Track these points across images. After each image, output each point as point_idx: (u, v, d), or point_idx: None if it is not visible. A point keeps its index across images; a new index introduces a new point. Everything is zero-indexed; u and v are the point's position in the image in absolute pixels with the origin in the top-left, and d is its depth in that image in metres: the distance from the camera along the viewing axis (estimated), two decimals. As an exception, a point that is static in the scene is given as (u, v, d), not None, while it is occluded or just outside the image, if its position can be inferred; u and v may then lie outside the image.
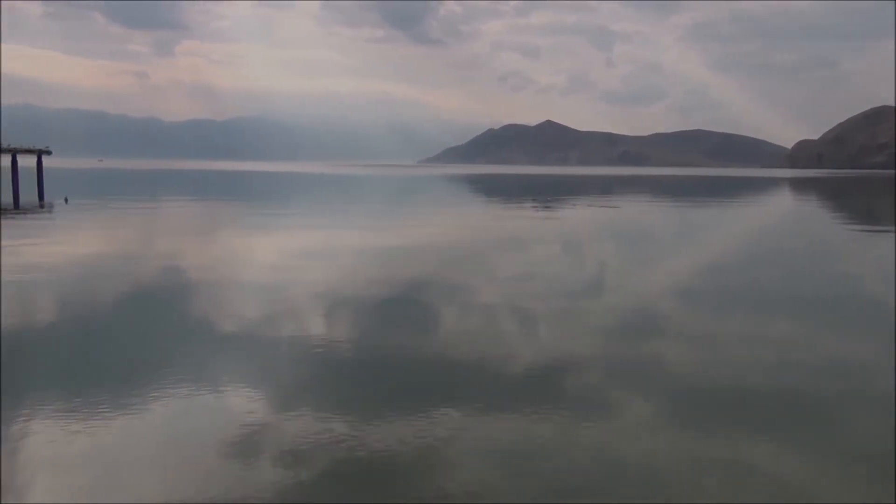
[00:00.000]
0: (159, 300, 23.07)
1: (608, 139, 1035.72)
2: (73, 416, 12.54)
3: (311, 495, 9.84)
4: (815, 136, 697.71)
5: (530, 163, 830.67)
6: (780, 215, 73.01)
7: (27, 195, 69.77)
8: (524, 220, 56.94)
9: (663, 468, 10.78)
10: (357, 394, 14.03)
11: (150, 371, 15.05)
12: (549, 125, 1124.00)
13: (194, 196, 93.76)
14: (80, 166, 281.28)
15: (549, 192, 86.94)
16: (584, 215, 65.67)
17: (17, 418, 12.40)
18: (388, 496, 9.91)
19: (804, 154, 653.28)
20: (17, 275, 26.73)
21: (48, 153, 79.85)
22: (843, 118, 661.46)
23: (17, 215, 55.89)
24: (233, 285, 25.70)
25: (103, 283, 25.87)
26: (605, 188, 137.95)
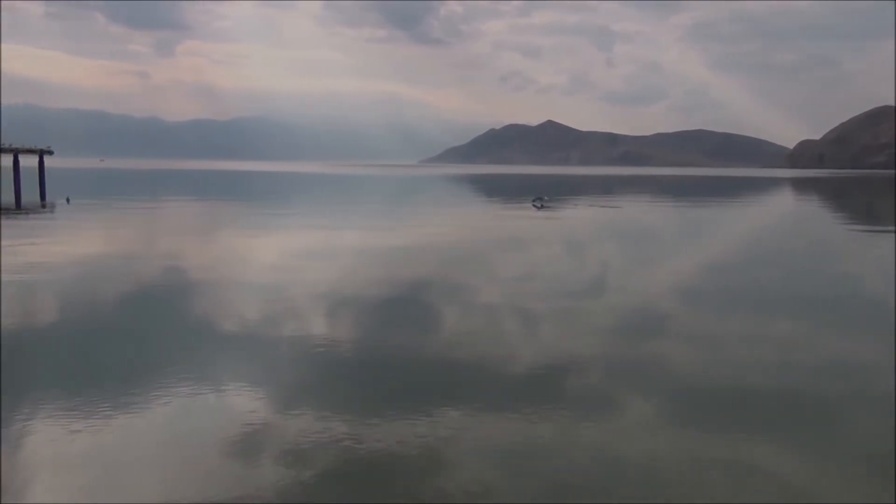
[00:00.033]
0: (161, 300, 23.11)
1: (609, 139, 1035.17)
2: (74, 416, 12.54)
3: (313, 495, 9.85)
4: (817, 136, 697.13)
5: (531, 163, 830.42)
6: (781, 215, 72.97)
7: (29, 195, 69.86)
8: (525, 220, 56.94)
9: (664, 468, 10.79)
10: (358, 394, 14.05)
11: (151, 371, 15.09)
12: (550, 125, 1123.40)
13: (196, 196, 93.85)
14: (81, 166, 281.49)
15: (547, 192, 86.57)
16: (585, 215, 65.66)
17: (17, 418, 12.38)
18: (389, 496, 9.92)
19: (806, 154, 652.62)
20: (19, 274, 26.77)
21: (50, 153, 79.96)
22: (845, 118, 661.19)
23: (19, 215, 55.97)
24: (234, 285, 25.73)
25: (105, 282, 25.93)
26: (607, 188, 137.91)
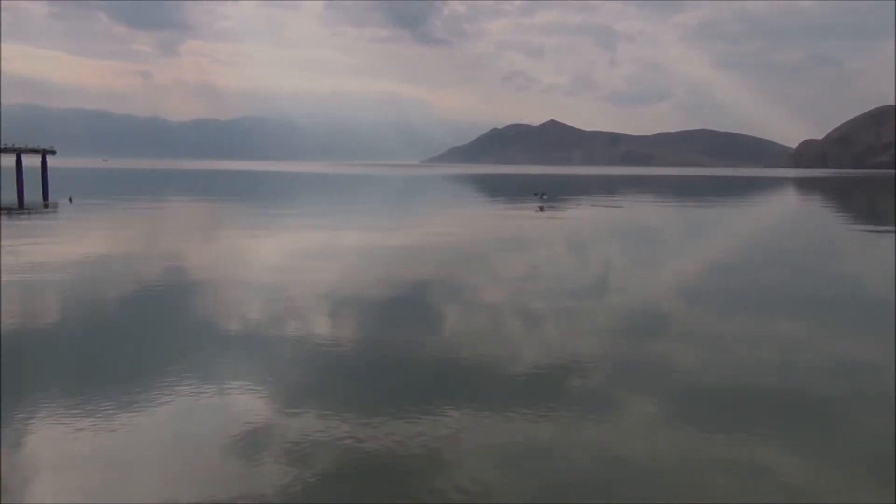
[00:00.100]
0: (163, 300, 23.10)
1: (612, 139, 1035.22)
2: (76, 416, 12.51)
3: (314, 495, 9.84)
4: (820, 136, 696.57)
5: (534, 162, 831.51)
6: (784, 215, 72.79)
7: (32, 195, 69.96)
8: (527, 220, 56.87)
9: (665, 468, 10.78)
10: (360, 393, 14.02)
11: (153, 370, 15.07)
12: (552, 125, 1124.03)
13: (199, 196, 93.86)
14: (84, 166, 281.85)
15: (549, 192, 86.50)
16: (587, 215, 65.56)
17: (19, 418, 12.36)
18: (390, 496, 9.91)
19: (809, 153, 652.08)
20: (22, 274, 26.79)
21: (53, 153, 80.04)
22: (848, 118, 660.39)
23: (22, 215, 56.06)
24: (236, 285, 25.70)
25: (107, 282, 25.92)
26: (609, 188, 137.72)
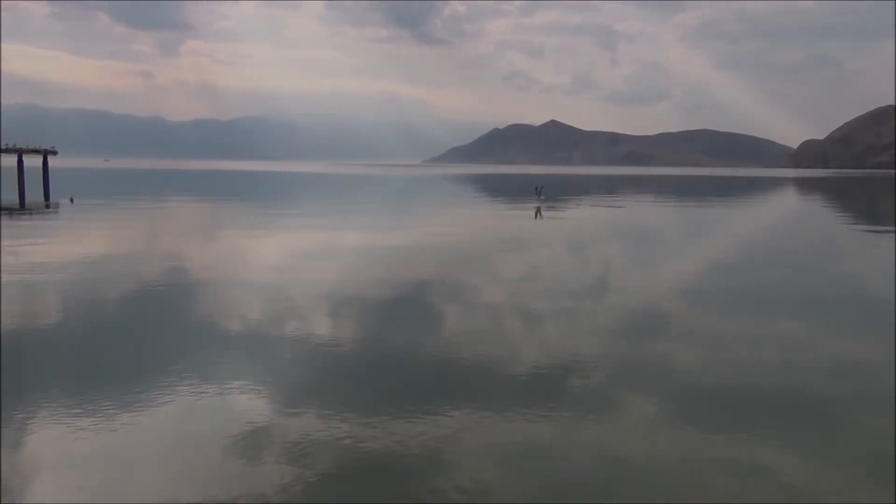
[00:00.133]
0: (164, 300, 23.14)
1: (612, 139, 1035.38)
2: (77, 416, 12.51)
3: (315, 495, 9.85)
4: (821, 136, 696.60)
5: (534, 162, 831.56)
6: (784, 215, 72.82)
7: (33, 195, 70.02)
8: (528, 220, 56.89)
9: (666, 468, 10.79)
10: (361, 394, 14.06)
11: (154, 370, 15.10)
12: (553, 125, 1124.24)
13: (199, 196, 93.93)
14: (85, 166, 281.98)
15: (547, 191, 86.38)
16: (588, 215, 65.61)
17: (20, 418, 12.36)
18: (392, 496, 9.92)
19: (810, 153, 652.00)
20: (23, 274, 26.84)
21: (54, 153, 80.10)
22: (849, 118, 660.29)
23: (24, 215, 56.13)
24: (237, 285, 25.74)
25: (109, 282, 25.95)
26: (610, 188, 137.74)
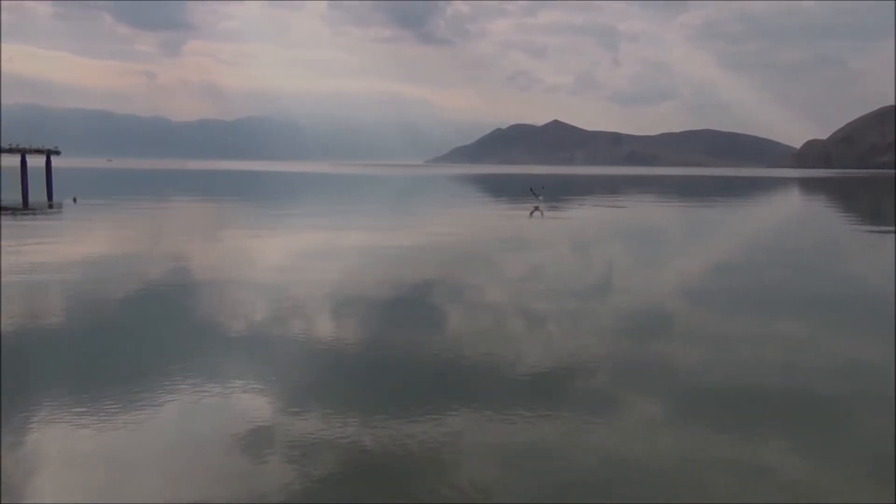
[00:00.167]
0: (168, 299, 23.18)
1: (615, 139, 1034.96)
2: (80, 416, 12.50)
3: (318, 495, 9.84)
4: (824, 136, 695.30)
5: (537, 162, 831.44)
6: (787, 215, 72.71)
7: (36, 195, 70.16)
8: (530, 220, 56.87)
9: (669, 468, 10.79)
10: (363, 394, 14.07)
11: (156, 370, 15.11)
12: (556, 125, 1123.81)
13: (203, 196, 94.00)
14: (89, 166, 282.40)
15: (548, 192, 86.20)
16: (590, 215, 65.58)
17: (22, 417, 12.36)
18: (393, 496, 9.92)
19: (813, 153, 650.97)
20: (27, 274, 26.89)
21: (57, 153, 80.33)
22: (853, 118, 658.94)
23: (27, 215, 56.25)
24: (240, 285, 25.76)
25: (112, 282, 25.97)
26: (612, 188, 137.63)
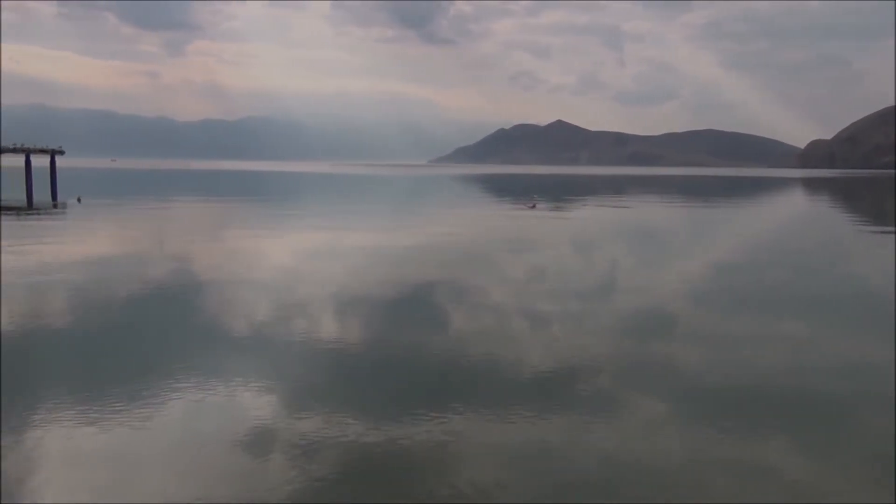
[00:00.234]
0: (171, 299, 23.22)
1: (618, 139, 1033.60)
2: (84, 416, 12.53)
3: (321, 495, 9.88)
4: (828, 136, 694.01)
5: (540, 163, 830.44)
6: (790, 215, 72.57)
7: (40, 195, 70.33)
8: (533, 220, 56.84)
9: (671, 468, 10.82)
10: (366, 394, 14.11)
11: (160, 370, 15.15)
12: (559, 125, 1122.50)
13: (206, 196, 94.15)
14: (92, 166, 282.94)
15: (554, 192, 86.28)
16: (594, 215, 65.52)
17: (26, 416, 12.40)
18: (397, 496, 9.96)
19: (817, 154, 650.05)
20: (31, 274, 26.95)
21: (61, 153, 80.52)
22: (857, 118, 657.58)
23: (31, 215, 56.39)
24: (244, 285, 25.79)
25: (116, 282, 26.03)
26: (616, 188, 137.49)
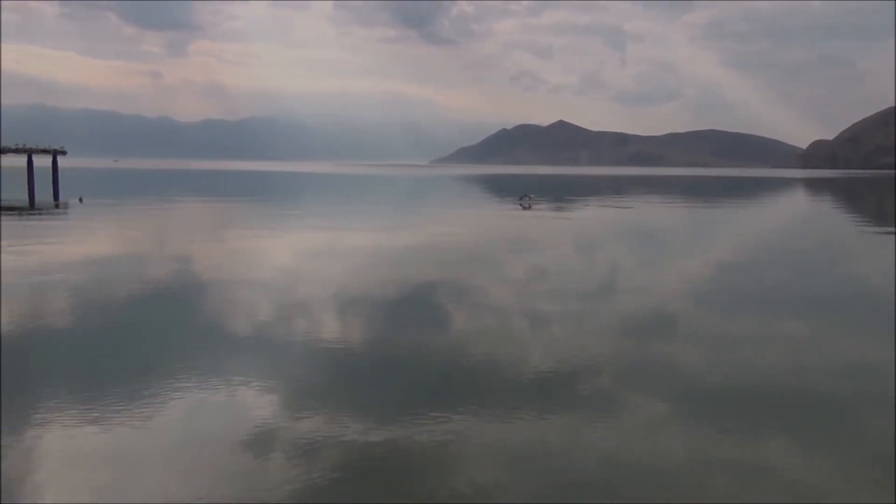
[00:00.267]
0: (173, 299, 23.26)
1: (620, 139, 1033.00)
2: (85, 414, 12.55)
3: (322, 495, 9.87)
4: (830, 137, 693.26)
5: (542, 163, 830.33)
6: (792, 216, 72.55)
7: (42, 195, 70.44)
8: (535, 220, 56.90)
9: (672, 468, 10.82)
10: (367, 394, 14.13)
11: (162, 370, 15.18)
12: (561, 125, 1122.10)
13: (208, 196, 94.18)
14: (94, 166, 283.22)
15: (553, 192, 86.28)
16: (595, 215, 65.54)
17: (28, 416, 12.40)
18: (397, 496, 9.95)
19: (819, 154, 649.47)
20: (32, 274, 27.01)
21: (63, 153, 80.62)
22: (859, 118, 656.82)
23: (33, 215, 56.49)
24: (245, 285, 25.83)
25: (118, 282, 26.06)
26: (618, 188, 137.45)
